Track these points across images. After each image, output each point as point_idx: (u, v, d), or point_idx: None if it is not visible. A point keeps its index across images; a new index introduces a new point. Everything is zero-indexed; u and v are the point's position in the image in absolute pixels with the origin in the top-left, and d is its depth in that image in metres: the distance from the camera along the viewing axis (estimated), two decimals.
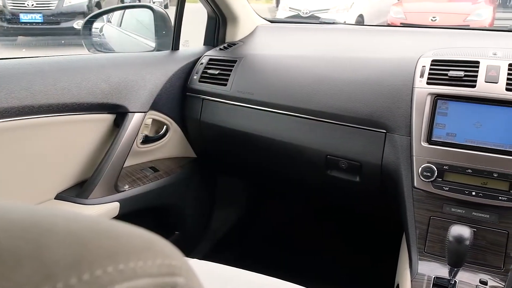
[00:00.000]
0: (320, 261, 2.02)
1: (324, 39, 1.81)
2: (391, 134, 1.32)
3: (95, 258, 0.26)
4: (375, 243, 1.95)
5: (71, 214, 0.29)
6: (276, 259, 2.02)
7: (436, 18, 7.13)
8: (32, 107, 1.23)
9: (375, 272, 1.76)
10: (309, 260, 2.03)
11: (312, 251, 2.08)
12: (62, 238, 0.26)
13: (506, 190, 1.16)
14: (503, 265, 1.18)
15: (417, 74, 1.30)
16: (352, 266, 1.98)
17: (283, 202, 2.29)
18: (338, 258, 2.02)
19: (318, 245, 2.10)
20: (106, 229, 0.28)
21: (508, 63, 1.22)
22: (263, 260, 1.97)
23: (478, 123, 1.20)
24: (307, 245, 2.13)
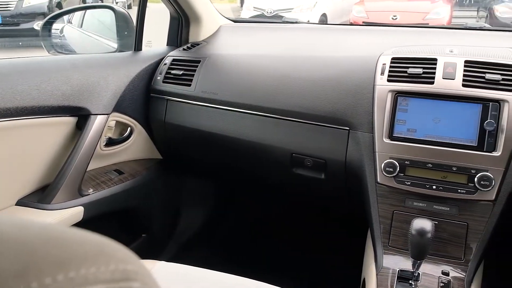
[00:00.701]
0: (288, 259, 2.03)
1: (288, 38, 1.82)
2: (354, 131, 1.34)
3: (43, 266, 0.25)
4: (342, 239, 1.98)
5: (21, 221, 0.28)
6: (245, 258, 2.03)
7: (396, 16, 7.29)
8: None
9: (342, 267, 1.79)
10: (277, 258, 2.04)
11: (280, 249, 2.10)
12: (10, 246, 0.25)
13: (464, 183, 1.19)
14: (463, 256, 1.22)
15: (378, 71, 1.32)
16: (320, 262, 2.00)
17: (250, 201, 2.29)
18: (306, 255, 2.04)
19: (286, 243, 2.12)
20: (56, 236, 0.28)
21: (464, 60, 1.26)
22: (231, 260, 1.97)
23: (436, 118, 1.23)
24: (275, 243, 2.14)
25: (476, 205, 1.21)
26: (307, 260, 2.01)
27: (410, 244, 1.11)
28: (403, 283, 1.17)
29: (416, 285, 1.14)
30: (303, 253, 2.05)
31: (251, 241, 2.18)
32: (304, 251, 2.06)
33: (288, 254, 2.06)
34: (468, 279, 1.19)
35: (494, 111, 1.18)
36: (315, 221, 2.14)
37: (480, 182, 1.17)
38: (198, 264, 1.16)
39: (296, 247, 2.08)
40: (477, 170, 1.18)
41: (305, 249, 2.07)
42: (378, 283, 1.20)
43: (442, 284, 1.17)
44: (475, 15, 8.82)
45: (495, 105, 1.19)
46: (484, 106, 1.19)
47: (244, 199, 2.31)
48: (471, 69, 1.24)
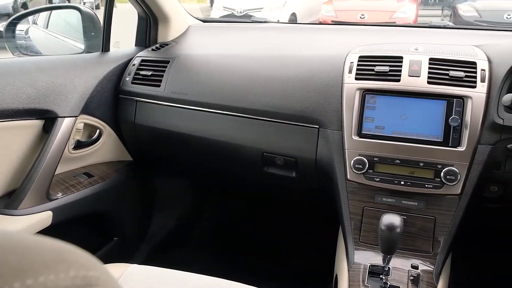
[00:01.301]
0: (261, 257, 2.04)
1: (257, 38, 1.83)
2: (324, 129, 1.36)
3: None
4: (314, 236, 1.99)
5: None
6: (218, 258, 2.02)
7: (364, 15, 7.39)
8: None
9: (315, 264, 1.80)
10: (251, 256, 2.05)
11: (254, 247, 2.10)
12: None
13: (431, 178, 1.22)
14: (431, 249, 1.25)
15: (346, 70, 1.34)
16: (293, 260, 2.01)
17: (223, 201, 2.29)
18: (280, 253, 2.05)
19: (260, 241, 2.13)
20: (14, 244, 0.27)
21: (428, 57, 1.29)
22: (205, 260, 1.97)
23: (403, 115, 1.26)
24: (248, 242, 2.15)
25: (443, 199, 1.24)
26: (281, 258, 2.02)
27: (380, 239, 1.13)
28: (374, 278, 1.19)
29: (386, 279, 1.16)
30: (276, 251, 2.06)
31: (224, 241, 2.17)
32: (277, 249, 2.07)
33: (261, 252, 2.06)
34: (436, 271, 1.22)
35: (458, 107, 1.22)
36: (287, 219, 2.15)
37: (446, 177, 1.20)
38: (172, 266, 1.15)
39: (269, 245, 2.09)
40: (443, 165, 1.21)
41: (278, 247, 2.08)
42: (350, 279, 1.22)
43: (412, 278, 1.19)
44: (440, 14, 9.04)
45: (459, 101, 1.22)
46: (449, 103, 1.22)
47: (217, 199, 2.31)
48: (435, 66, 1.27)
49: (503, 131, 1.20)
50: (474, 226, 1.43)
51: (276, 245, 2.10)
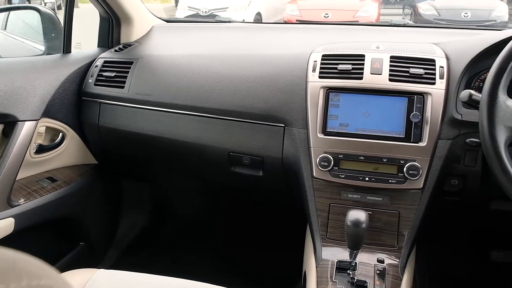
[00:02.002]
0: (230, 257, 2.04)
1: (222, 38, 1.83)
2: (289, 128, 1.37)
3: None
4: (283, 234, 2.01)
5: None
6: (186, 259, 2.01)
7: (328, 14, 7.48)
8: None
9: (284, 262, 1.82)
10: (219, 256, 2.04)
11: (223, 247, 2.10)
12: None
13: (395, 173, 1.25)
14: (396, 243, 1.28)
15: (310, 68, 1.36)
16: (262, 258, 2.02)
17: (191, 202, 2.28)
18: (248, 252, 2.05)
19: (228, 241, 2.12)
20: None
21: (389, 55, 1.32)
22: (174, 262, 1.95)
23: (366, 112, 1.28)
24: (217, 242, 2.14)
25: (406, 194, 1.27)
26: (250, 257, 2.03)
27: (346, 235, 1.14)
28: (342, 273, 1.21)
29: (353, 274, 1.18)
30: (245, 250, 2.06)
31: (192, 242, 2.16)
32: (246, 248, 2.08)
33: (230, 252, 2.06)
34: (401, 264, 1.25)
35: (419, 103, 1.25)
36: (256, 218, 2.16)
37: (409, 172, 1.23)
38: (141, 269, 1.14)
39: (238, 245, 2.09)
40: (405, 160, 1.24)
41: (247, 246, 2.09)
42: (318, 275, 1.24)
43: (378, 272, 1.22)
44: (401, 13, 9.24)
45: (420, 97, 1.25)
46: (410, 99, 1.25)
47: (185, 201, 2.30)
48: (396, 64, 1.30)
49: (462, 126, 1.24)
50: (436, 219, 1.47)
51: (245, 244, 2.10)
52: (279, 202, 1.84)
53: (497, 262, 1.89)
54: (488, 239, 1.91)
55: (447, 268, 1.91)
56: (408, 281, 1.25)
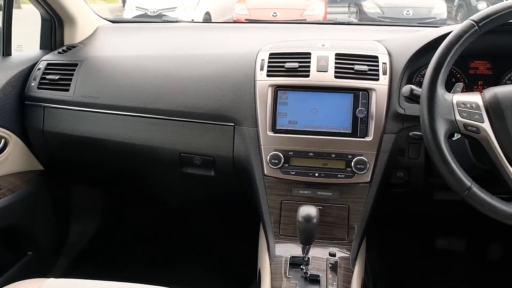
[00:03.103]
0: (186, 258, 2.02)
1: (170, 38, 1.81)
2: (239, 127, 1.37)
3: None
4: (237, 233, 2.01)
5: None
6: (141, 263, 1.99)
7: (276, 13, 7.56)
8: None
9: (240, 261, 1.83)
10: (175, 259, 2.03)
11: (178, 249, 2.08)
12: None
13: (343, 168, 1.28)
14: (347, 236, 1.32)
15: (258, 67, 1.37)
16: (217, 258, 2.02)
17: (144, 205, 2.24)
18: (204, 252, 2.05)
19: (184, 242, 2.11)
20: None
21: (334, 53, 1.35)
22: (128, 267, 1.92)
23: (314, 109, 1.30)
24: (172, 244, 2.12)
25: (355, 188, 1.30)
26: (205, 257, 2.02)
27: (298, 230, 1.16)
28: (295, 269, 1.22)
29: (307, 269, 1.20)
30: (200, 251, 2.05)
31: (147, 245, 2.13)
32: (201, 248, 2.07)
33: (186, 253, 2.05)
34: (352, 257, 1.29)
35: (364, 99, 1.28)
36: (210, 218, 2.15)
37: (357, 166, 1.26)
38: (93, 276, 1.11)
39: (193, 246, 2.08)
40: (353, 155, 1.27)
41: (202, 246, 2.08)
42: (272, 272, 1.25)
43: (330, 265, 1.24)
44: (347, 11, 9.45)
45: (364, 93, 1.29)
46: (355, 95, 1.29)
47: (138, 204, 2.26)
48: (341, 61, 1.33)
49: (405, 120, 1.28)
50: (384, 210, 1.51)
51: (200, 244, 2.09)
52: (232, 201, 1.84)
53: (443, 249, 1.97)
54: (433, 228, 2.00)
55: (397, 258, 1.97)
56: (359, 272, 1.28)
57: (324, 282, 1.19)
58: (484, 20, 1.05)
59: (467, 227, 1.96)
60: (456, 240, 1.99)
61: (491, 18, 1.04)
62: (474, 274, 1.91)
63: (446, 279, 1.87)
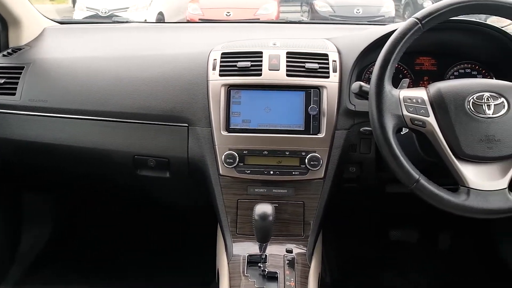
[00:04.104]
0: (144, 261, 2.00)
1: (121, 39, 1.78)
2: (193, 127, 1.37)
3: None
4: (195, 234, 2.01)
5: None
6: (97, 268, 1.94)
7: (230, 13, 7.56)
8: None
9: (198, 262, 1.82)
10: (133, 263, 2.00)
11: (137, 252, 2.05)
12: None
13: (297, 165, 1.30)
14: (303, 232, 1.34)
15: (210, 67, 1.37)
16: (176, 260, 2.00)
17: (99, 209, 2.20)
18: (163, 255, 2.03)
19: (142, 245, 2.08)
20: None
21: (286, 51, 1.37)
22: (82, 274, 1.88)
23: (267, 108, 1.32)
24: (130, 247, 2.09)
25: (309, 184, 1.33)
26: (164, 259, 2.00)
27: (255, 229, 1.17)
28: (253, 267, 1.23)
29: (264, 266, 1.21)
30: (159, 253, 2.03)
31: (102, 250, 2.09)
32: (160, 251, 2.05)
33: (144, 256, 2.02)
34: (309, 252, 1.31)
35: (316, 96, 1.31)
36: (167, 220, 2.13)
37: (310, 163, 1.29)
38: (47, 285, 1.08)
39: (151, 249, 2.06)
40: (306, 152, 1.29)
41: (160, 249, 2.06)
42: (230, 271, 1.25)
43: (287, 261, 1.26)
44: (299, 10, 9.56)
45: (316, 91, 1.31)
46: (307, 93, 1.31)
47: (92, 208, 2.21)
48: (292, 59, 1.35)
49: (356, 116, 1.32)
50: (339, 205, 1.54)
51: (158, 246, 2.07)
52: (188, 202, 1.83)
53: (396, 240, 2.04)
54: (387, 221, 2.06)
55: (353, 251, 2.02)
56: (316, 267, 1.30)
57: (282, 279, 1.21)
58: (427, 18, 1.09)
59: (418, 219, 2.03)
60: (408, 231, 2.06)
61: (433, 16, 1.08)
62: (426, 263, 1.98)
63: (400, 269, 1.94)
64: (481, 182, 1.05)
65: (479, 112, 1.07)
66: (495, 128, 1.06)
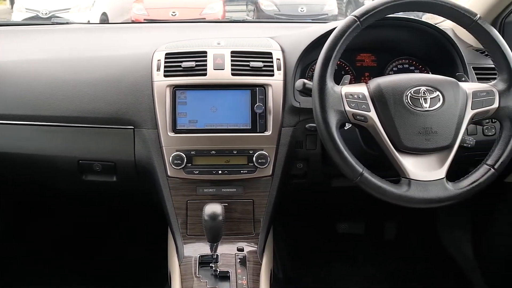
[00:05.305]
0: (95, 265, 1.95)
1: (62, 41, 1.73)
2: (139, 129, 1.35)
3: None
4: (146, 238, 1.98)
5: None
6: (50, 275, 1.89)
7: (175, 13, 7.51)
8: None
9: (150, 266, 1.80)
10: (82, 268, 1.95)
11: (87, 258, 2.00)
12: None
13: (245, 164, 1.31)
14: (253, 230, 1.35)
15: (154, 68, 1.35)
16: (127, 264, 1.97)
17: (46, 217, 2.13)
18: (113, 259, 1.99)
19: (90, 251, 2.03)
20: None
21: (230, 50, 1.37)
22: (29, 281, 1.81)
23: (214, 107, 1.32)
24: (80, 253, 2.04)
25: (258, 182, 1.34)
26: (114, 265, 1.96)
27: (205, 229, 1.17)
28: (205, 268, 1.24)
29: (216, 266, 1.22)
30: (109, 258, 1.99)
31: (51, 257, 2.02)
32: (110, 255, 2.01)
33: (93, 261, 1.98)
34: (260, 250, 1.32)
35: (261, 95, 1.32)
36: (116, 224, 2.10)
37: (258, 161, 1.30)
38: None
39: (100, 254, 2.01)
40: (254, 150, 1.30)
41: (111, 253, 2.02)
42: (182, 273, 1.25)
43: (239, 260, 1.27)
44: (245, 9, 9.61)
45: (261, 89, 1.32)
46: (252, 91, 1.32)
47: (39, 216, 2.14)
48: (237, 58, 1.36)
49: (301, 113, 1.34)
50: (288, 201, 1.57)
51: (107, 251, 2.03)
52: (137, 205, 1.81)
53: (344, 233, 2.09)
54: (335, 214, 2.11)
55: (304, 245, 2.06)
56: (267, 264, 1.32)
57: (234, 278, 1.21)
58: (365, 16, 1.12)
59: (365, 211, 2.09)
60: (355, 224, 2.12)
61: (371, 14, 1.12)
62: (373, 253, 2.05)
63: (349, 260, 1.99)
64: (421, 172, 1.10)
65: (417, 106, 1.11)
66: (431, 121, 1.11)
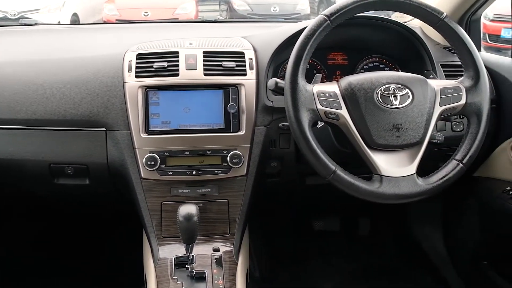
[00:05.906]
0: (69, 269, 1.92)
1: (31, 42, 1.69)
2: (111, 131, 1.33)
3: None
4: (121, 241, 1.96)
5: None
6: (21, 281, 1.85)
7: (148, 13, 7.43)
8: None
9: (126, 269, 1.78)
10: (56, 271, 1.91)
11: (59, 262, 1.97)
12: None
13: (219, 164, 1.31)
14: (229, 230, 1.35)
15: (125, 69, 1.34)
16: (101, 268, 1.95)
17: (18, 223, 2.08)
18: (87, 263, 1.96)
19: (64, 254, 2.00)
20: None
21: (202, 50, 1.37)
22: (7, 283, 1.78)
23: (186, 108, 1.31)
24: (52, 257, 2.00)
25: (233, 182, 1.34)
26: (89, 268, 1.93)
27: (180, 230, 1.17)
28: (181, 269, 1.23)
29: (192, 267, 1.21)
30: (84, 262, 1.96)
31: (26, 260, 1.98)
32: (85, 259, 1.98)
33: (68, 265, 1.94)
34: (235, 249, 1.33)
35: (234, 94, 1.32)
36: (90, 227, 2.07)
37: (232, 160, 1.30)
38: None
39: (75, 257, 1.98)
40: (228, 150, 1.31)
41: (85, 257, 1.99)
42: (157, 275, 1.24)
43: (215, 260, 1.27)
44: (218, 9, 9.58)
45: (234, 89, 1.32)
46: (225, 91, 1.32)
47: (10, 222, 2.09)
48: (209, 58, 1.35)
49: (274, 112, 1.35)
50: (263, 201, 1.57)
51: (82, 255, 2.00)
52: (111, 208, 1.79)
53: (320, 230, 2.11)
54: (310, 212, 2.13)
55: (280, 243, 2.07)
56: (243, 263, 1.32)
57: (210, 278, 1.21)
58: (335, 15, 1.13)
59: (339, 208, 2.11)
60: (330, 221, 2.14)
61: (341, 13, 1.13)
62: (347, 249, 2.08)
63: (325, 257, 2.01)
64: (392, 169, 1.12)
65: (387, 103, 1.13)
66: (401, 118, 1.13)
